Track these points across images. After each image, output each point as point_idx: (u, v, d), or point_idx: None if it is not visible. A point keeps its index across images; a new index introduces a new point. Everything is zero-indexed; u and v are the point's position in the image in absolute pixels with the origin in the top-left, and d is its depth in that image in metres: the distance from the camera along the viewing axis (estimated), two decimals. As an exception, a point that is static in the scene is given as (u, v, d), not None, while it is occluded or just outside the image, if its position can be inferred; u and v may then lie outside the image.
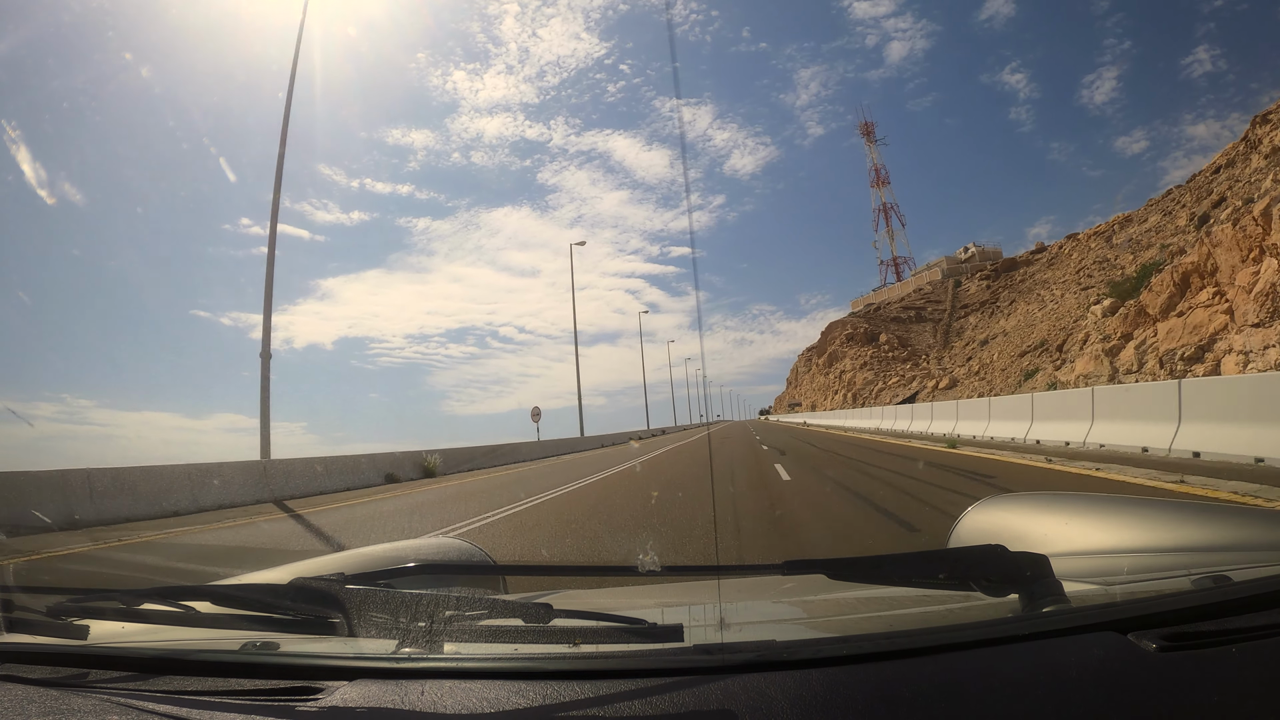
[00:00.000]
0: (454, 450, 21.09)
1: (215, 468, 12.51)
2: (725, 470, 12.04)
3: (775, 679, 0.71)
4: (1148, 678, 0.67)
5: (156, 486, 10.98)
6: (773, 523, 6.12)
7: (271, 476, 13.44)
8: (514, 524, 7.24)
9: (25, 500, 9.02)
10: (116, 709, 0.77)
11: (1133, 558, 1.10)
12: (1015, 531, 1.32)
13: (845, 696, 0.67)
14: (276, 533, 8.31)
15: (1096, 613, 0.79)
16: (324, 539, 7.49)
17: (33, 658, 0.95)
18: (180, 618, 1.00)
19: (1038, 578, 0.82)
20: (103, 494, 9.99)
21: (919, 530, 5.14)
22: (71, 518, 9.14)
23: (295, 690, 0.80)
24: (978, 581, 0.83)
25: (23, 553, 6.92)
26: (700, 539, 5.35)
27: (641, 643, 0.83)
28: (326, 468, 14.94)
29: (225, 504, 11.70)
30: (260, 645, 0.93)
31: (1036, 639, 0.75)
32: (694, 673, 0.74)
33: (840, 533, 5.47)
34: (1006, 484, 7.56)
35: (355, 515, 9.55)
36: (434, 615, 0.86)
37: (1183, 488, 6.19)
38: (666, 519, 6.78)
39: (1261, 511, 1.15)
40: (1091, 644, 0.73)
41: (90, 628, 1.00)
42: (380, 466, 16.83)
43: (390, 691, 0.76)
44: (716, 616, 1.23)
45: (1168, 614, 0.77)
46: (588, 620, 0.88)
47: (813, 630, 1.15)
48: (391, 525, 8.17)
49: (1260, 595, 0.78)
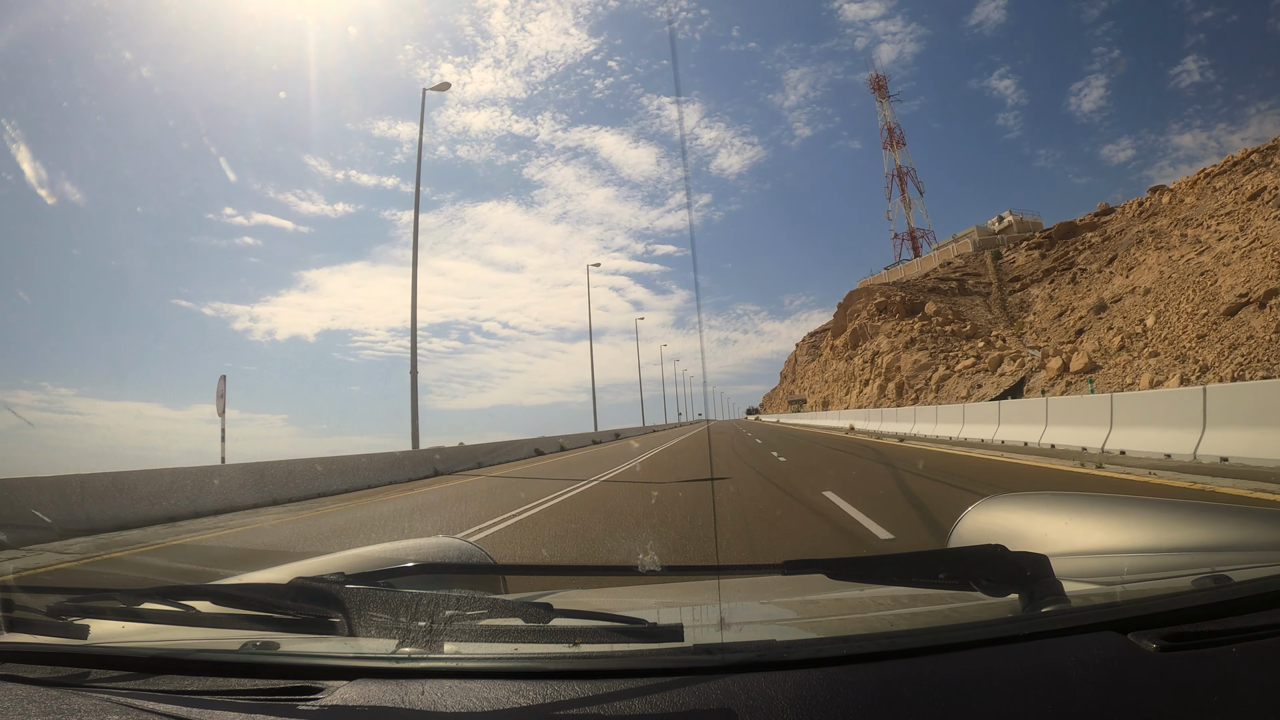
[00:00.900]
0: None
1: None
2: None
3: (775, 679, 0.71)
4: (1148, 678, 0.67)
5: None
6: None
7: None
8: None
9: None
10: (117, 709, 0.77)
11: (1133, 558, 1.10)
12: (1015, 531, 1.32)
13: (845, 696, 0.67)
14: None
15: (1097, 612, 0.79)
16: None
17: (33, 657, 0.95)
18: (180, 617, 1.00)
19: (1038, 578, 0.82)
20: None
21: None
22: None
23: (295, 690, 0.80)
24: (978, 581, 0.83)
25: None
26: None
27: (641, 643, 0.83)
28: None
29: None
30: (260, 645, 0.93)
31: (1037, 639, 0.75)
32: (694, 673, 0.74)
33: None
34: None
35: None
36: (434, 615, 0.86)
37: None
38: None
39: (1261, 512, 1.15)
40: (1092, 644, 0.73)
41: (90, 627, 1.00)
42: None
43: (390, 691, 0.76)
44: (716, 616, 1.23)
45: (1168, 614, 0.77)
46: (588, 620, 0.88)
47: (813, 630, 1.15)
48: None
49: (1260, 595, 0.78)
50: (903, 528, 5.42)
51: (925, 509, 6.55)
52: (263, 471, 12.87)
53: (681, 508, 7.68)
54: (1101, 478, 7.92)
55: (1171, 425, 9.21)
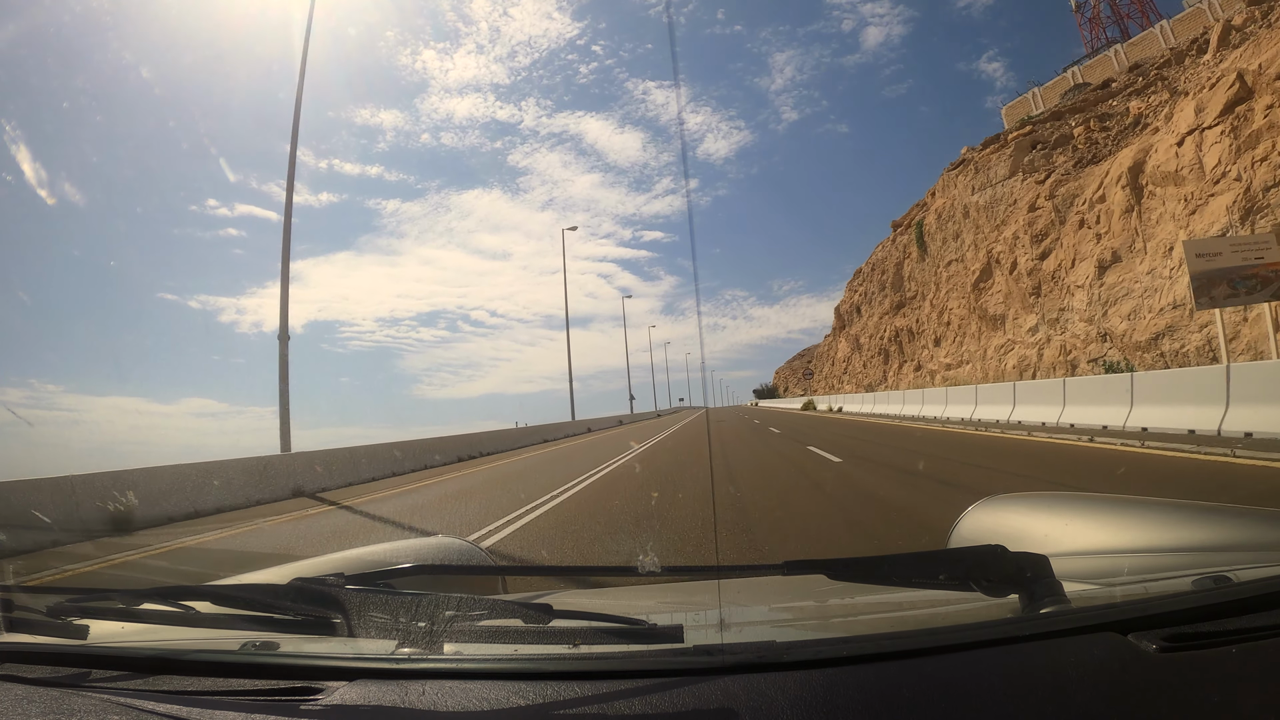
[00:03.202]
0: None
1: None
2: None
3: (776, 680, 0.71)
4: (1148, 678, 0.67)
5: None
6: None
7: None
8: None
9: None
10: (116, 709, 0.77)
11: (1133, 558, 1.10)
12: (1015, 531, 1.33)
13: (846, 697, 0.67)
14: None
15: (1097, 613, 0.79)
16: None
17: (33, 658, 0.95)
18: (180, 618, 1.00)
19: (1038, 578, 0.82)
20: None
21: None
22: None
23: (295, 690, 0.80)
24: (978, 582, 0.84)
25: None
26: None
27: (641, 643, 0.83)
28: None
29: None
30: (260, 645, 0.93)
31: (1037, 639, 0.75)
32: (694, 673, 0.74)
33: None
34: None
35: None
36: (434, 616, 0.86)
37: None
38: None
39: (1261, 512, 1.15)
40: (1092, 644, 0.73)
41: (90, 628, 1.00)
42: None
43: (390, 692, 0.76)
44: (716, 617, 1.23)
45: (1168, 614, 0.77)
46: (587, 621, 0.88)
47: (813, 631, 1.15)
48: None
49: (1260, 595, 0.78)
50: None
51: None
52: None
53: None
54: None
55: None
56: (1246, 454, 7.02)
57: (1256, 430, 7.95)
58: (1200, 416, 8.91)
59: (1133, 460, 7.74)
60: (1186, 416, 9.17)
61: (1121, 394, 10.89)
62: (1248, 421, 8.17)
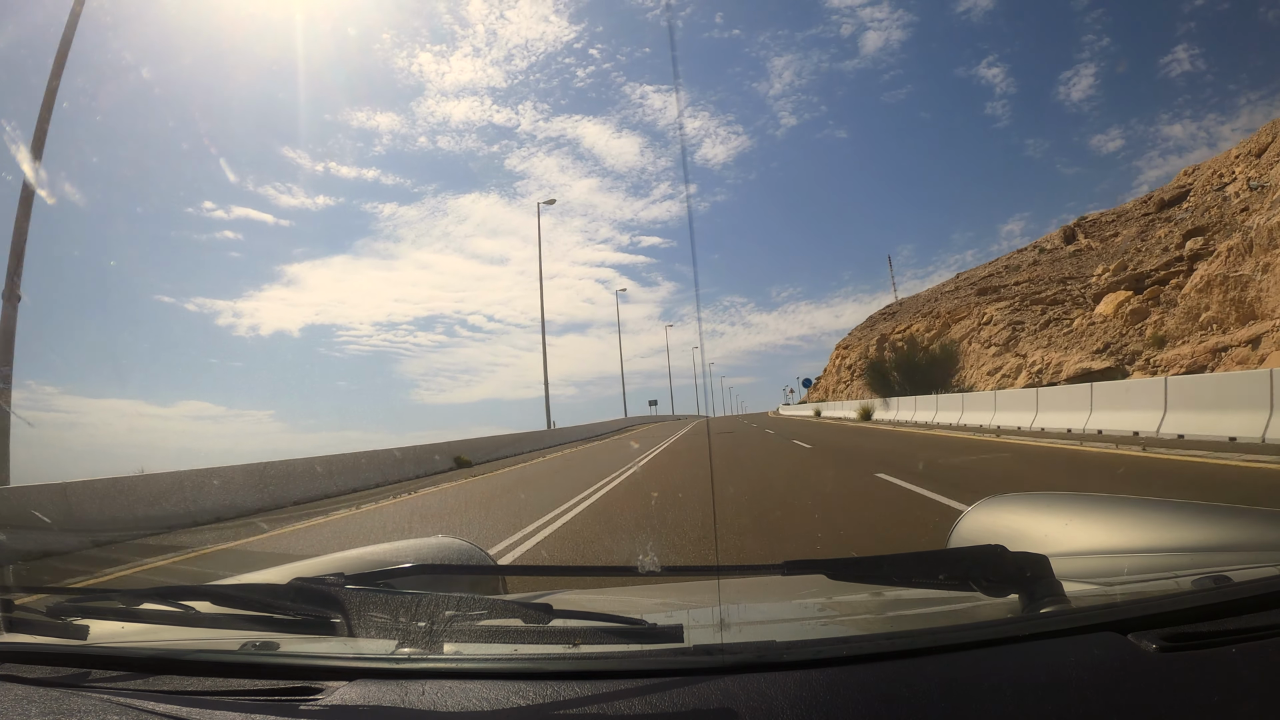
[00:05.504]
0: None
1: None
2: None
3: (775, 679, 0.71)
4: (1148, 678, 0.67)
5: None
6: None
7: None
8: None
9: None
10: (116, 709, 0.77)
11: (1133, 558, 1.10)
12: (1015, 531, 1.32)
13: (846, 697, 0.67)
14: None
15: (1096, 613, 0.79)
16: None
17: (33, 658, 0.95)
18: (180, 618, 1.00)
19: (1038, 578, 0.82)
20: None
21: None
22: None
23: (295, 690, 0.80)
24: (978, 582, 0.83)
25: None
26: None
27: (641, 643, 0.83)
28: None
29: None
30: (260, 645, 0.93)
31: (1037, 639, 0.75)
32: (694, 673, 0.74)
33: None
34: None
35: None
36: (434, 615, 0.86)
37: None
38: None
39: (1261, 512, 1.15)
40: (1092, 644, 0.73)
41: (90, 628, 1.00)
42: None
43: (390, 691, 0.76)
44: (716, 617, 1.23)
45: (1168, 614, 0.77)
46: (587, 621, 0.88)
47: (813, 631, 1.15)
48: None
49: (1260, 595, 0.78)
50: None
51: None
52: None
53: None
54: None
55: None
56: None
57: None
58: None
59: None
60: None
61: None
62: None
